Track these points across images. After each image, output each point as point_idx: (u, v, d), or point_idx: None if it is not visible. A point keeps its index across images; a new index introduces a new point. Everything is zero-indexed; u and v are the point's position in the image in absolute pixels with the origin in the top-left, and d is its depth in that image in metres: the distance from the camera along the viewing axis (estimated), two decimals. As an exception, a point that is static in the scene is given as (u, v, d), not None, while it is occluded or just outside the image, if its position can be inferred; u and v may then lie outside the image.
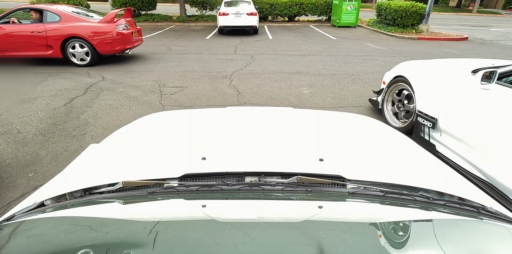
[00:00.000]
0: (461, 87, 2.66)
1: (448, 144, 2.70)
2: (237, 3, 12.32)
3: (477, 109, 2.42)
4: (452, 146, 2.65)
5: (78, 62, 6.57)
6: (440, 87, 2.87)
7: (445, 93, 2.79)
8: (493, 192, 2.15)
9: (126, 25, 6.79)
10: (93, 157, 1.24)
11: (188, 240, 0.64)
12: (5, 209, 2.32)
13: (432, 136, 2.90)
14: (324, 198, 0.86)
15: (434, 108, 2.86)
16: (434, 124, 2.83)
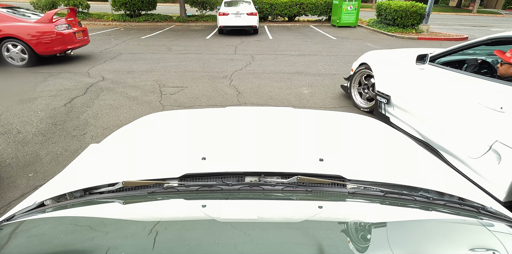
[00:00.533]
0: (406, 69, 3.31)
1: (397, 115, 3.40)
2: (237, 3, 12.32)
3: (415, 85, 3.10)
4: (400, 116, 3.36)
5: (17, 63, 6.39)
6: (392, 70, 3.55)
7: (396, 75, 3.47)
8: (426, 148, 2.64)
9: (68, 25, 6.60)
10: (93, 157, 1.24)
11: (188, 240, 0.64)
12: (5, 209, 2.32)
13: (387, 110, 3.59)
14: (324, 198, 0.86)
15: (388, 88, 3.53)
16: (388, 100, 3.50)
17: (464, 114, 2.48)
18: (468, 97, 2.46)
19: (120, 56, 7.77)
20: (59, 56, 7.38)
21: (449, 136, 2.62)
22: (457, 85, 2.62)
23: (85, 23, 14.04)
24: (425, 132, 2.91)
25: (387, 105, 3.55)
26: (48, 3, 14.44)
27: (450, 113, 2.62)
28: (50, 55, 6.55)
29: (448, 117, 2.64)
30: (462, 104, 2.51)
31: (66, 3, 14.57)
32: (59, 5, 14.75)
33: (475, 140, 2.36)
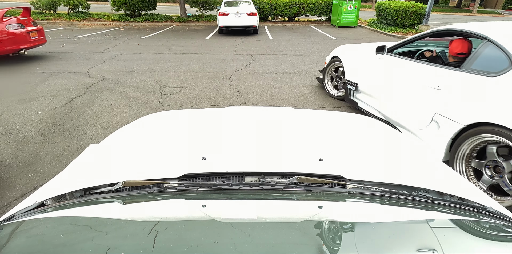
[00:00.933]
0: (369, 60, 3.82)
1: (364, 100, 3.94)
2: (237, 3, 12.31)
3: (376, 73, 3.61)
4: (366, 100, 3.89)
5: None
6: (358, 61, 4.07)
7: (361, 65, 3.98)
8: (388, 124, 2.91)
9: (20, 25, 6.49)
10: (93, 156, 1.24)
11: (188, 240, 0.64)
12: (5, 209, 2.32)
13: (355, 96, 4.13)
14: (324, 198, 0.86)
15: (355, 76, 4.05)
16: (356, 87, 4.02)
17: (414, 94, 2.99)
18: (416, 80, 2.99)
19: (120, 56, 7.77)
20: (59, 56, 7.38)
21: (403, 113, 3.16)
22: (408, 70, 3.15)
23: (85, 23, 14.04)
24: (385, 112, 3.45)
25: (355, 92, 4.09)
26: (48, 3, 14.44)
27: (403, 95, 3.14)
28: (1, 55, 6.50)
29: (402, 98, 3.17)
30: (412, 86, 3.03)
31: (66, 3, 14.56)
32: (59, 5, 14.76)
33: (422, 114, 2.88)
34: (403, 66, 3.23)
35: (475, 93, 2.41)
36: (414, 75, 3.04)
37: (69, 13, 14.99)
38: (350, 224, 0.73)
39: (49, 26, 13.28)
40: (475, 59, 2.56)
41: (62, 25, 13.83)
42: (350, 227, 0.71)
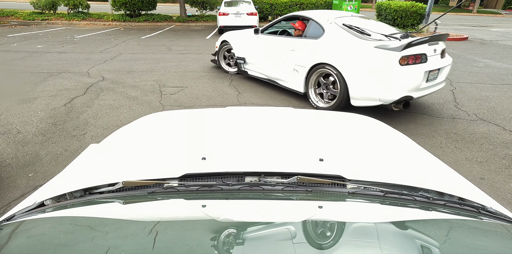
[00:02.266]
0: (250, 39, 5.38)
1: (251, 68, 5.52)
2: (237, 3, 12.31)
3: (256, 47, 5.22)
4: (253, 68, 5.48)
5: None
6: (243, 41, 5.55)
7: (245, 44, 5.49)
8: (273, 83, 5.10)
9: None
10: (93, 156, 1.24)
11: (188, 240, 0.64)
12: (5, 209, 2.32)
13: (245, 67, 5.66)
14: (324, 198, 0.86)
15: (243, 53, 5.57)
16: (245, 60, 5.56)
17: (281, 57, 4.70)
18: (281, 48, 4.70)
19: (120, 56, 7.77)
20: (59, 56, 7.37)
21: (277, 70, 4.86)
22: (275, 42, 4.85)
23: (85, 23, 14.04)
24: (267, 73, 5.13)
25: (245, 64, 5.61)
26: (48, 3, 14.44)
27: (275, 58, 4.82)
28: None
29: (275, 61, 4.84)
30: (279, 52, 4.73)
31: (66, 3, 14.56)
32: (59, 5, 14.75)
33: (287, 68, 4.63)
34: (272, 40, 4.93)
35: (311, 49, 4.23)
36: (279, 45, 4.74)
37: (69, 13, 14.99)
38: (350, 224, 0.73)
39: (49, 26, 13.28)
40: (308, 31, 4.43)
41: (62, 25, 13.83)
42: (350, 227, 0.71)
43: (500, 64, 7.48)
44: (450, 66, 4.08)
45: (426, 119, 4.13)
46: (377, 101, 3.67)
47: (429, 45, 3.67)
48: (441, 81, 4.04)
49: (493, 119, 4.12)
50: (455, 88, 5.51)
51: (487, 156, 3.18)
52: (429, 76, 3.68)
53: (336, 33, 4.00)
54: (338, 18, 4.24)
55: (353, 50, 3.73)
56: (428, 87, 3.79)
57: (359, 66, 3.64)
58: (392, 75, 3.44)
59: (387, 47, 3.49)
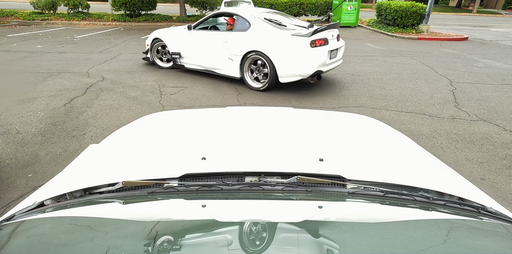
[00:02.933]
0: (184, 35, 5.85)
1: (188, 61, 6.03)
2: (237, 3, 12.32)
3: (191, 42, 5.73)
4: (189, 61, 6.01)
5: None
6: (177, 38, 5.96)
7: (180, 40, 5.92)
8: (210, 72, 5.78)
9: None
10: (93, 157, 1.24)
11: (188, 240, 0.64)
12: (4, 210, 2.32)
13: (181, 61, 6.14)
14: (324, 198, 0.86)
15: (178, 48, 6.01)
16: (180, 55, 6.03)
17: (216, 49, 5.36)
18: (215, 41, 5.34)
19: (120, 56, 7.76)
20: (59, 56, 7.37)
21: (214, 61, 5.52)
22: (209, 36, 5.45)
23: (85, 23, 14.04)
24: (204, 65, 5.75)
25: (180, 58, 6.08)
26: (48, 3, 14.43)
27: (211, 50, 5.45)
28: None
29: (211, 53, 5.48)
30: (213, 45, 5.37)
31: (66, 3, 14.55)
32: (59, 5, 14.75)
33: (223, 58, 5.35)
34: (206, 35, 5.51)
35: (242, 40, 5.03)
36: (213, 38, 5.37)
37: (69, 13, 14.98)
38: (350, 224, 0.73)
39: (49, 26, 13.28)
40: (237, 25, 5.20)
41: (62, 25, 13.83)
42: (350, 227, 0.71)
43: (501, 64, 7.48)
44: (343, 47, 5.44)
45: (426, 119, 4.13)
46: (298, 77, 4.75)
47: (328, 32, 4.88)
48: (340, 58, 5.40)
49: (493, 120, 4.12)
50: (456, 88, 5.51)
51: (487, 156, 3.18)
52: (331, 54, 4.95)
53: (261, 26, 4.94)
54: (260, 14, 5.19)
55: (276, 38, 4.73)
56: (332, 63, 5.06)
57: (282, 51, 4.68)
58: (306, 55, 4.58)
59: (300, 34, 4.60)
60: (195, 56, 5.78)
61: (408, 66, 7.12)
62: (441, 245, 0.65)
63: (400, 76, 6.26)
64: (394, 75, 6.33)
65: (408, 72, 6.58)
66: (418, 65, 7.23)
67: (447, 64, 7.37)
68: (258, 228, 0.69)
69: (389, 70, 6.69)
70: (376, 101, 4.81)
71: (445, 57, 8.12)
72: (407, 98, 4.94)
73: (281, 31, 4.76)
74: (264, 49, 4.78)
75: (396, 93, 5.20)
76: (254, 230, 0.68)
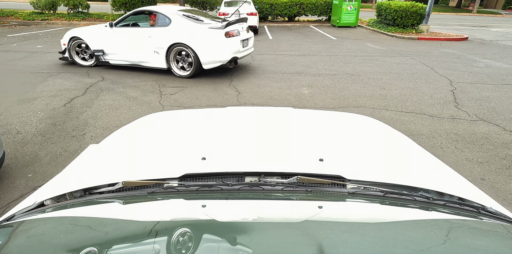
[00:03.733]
0: (107, 32, 6.10)
1: (113, 58, 6.29)
2: (237, 3, 12.31)
3: (113, 39, 6.05)
4: (114, 58, 6.28)
5: None
6: (99, 35, 6.18)
7: (102, 37, 6.16)
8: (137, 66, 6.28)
9: None
10: (93, 157, 1.24)
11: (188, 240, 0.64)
12: (4, 210, 2.32)
13: (105, 58, 6.38)
14: (324, 198, 0.86)
15: (100, 45, 6.24)
16: (103, 52, 6.27)
17: (141, 44, 5.84)
18: (139, 36, 5.82)
19: (120, 56, 7.76)
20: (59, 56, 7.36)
21: (140, 55, 5.98)
22: (134, 32, 5.89)
23: (85, 23, 14.03)
24: (130, 59, 6.13)
25: (104, 55, 6.32)
26: (48, 3, 14.43)
27: (136, 45, 5.90)
28: None
29: (136, 47, 5.92)
30: (138, 40, 5.83)
31: (66, 3, 14.55)
32: (59, 5, 14.74)
33: (149, 52, 5.87)
34: (130, 31, 5.93)
35: (165, 34, 5.62)
36: (138, 34, 5.84)
37: (69, 13, 14.98)
38: (350, 224, 0.73)
39: (49, 26, 13.27)
40: (158, 21, 5.74)
41: (62, 25, 13.83)
42: (350, 227, 0.71)
43: (501, 64, 7.48)
44: (253, 37, 6.45)
45: (426, 119, 4.13)
46: (218, 63, 5.63)
47: (238, 25, 5.86)
48: (251, 47, 6.48)
49: (493, 120, 4.12)
50: (456, 88, 5.51)
51: (487, 157, 3.18)
52: (244, 43, 5.97)
53: (181, 21, 5.62)
54: (179, 11, 5.86)
55: (196, 31, 5.50)
56: (245, 51, 6.09)
57: (202, 42, 5.49)
58: (223, 45, 5.48)
59: (216, 27, 5.51)
60: (121, 52, 6.09)
61: (408, 66, 7.12)
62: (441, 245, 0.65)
63: (400, 76, 6.26)
64: (394, 75, 6.33)
65: (408, 72, 6.58)
66: (418, 65, 7.23)
67: (447, 64, 7.37)
68: (258, 228, 0.69)
69: (389, 70, 6.69)
70: (376, 101, 4.81)
71: (445, 57, 8.12)
72: (407, 98, 4.94)
73: (199, 25, 5.58)
74: (187, 41, 5.50)
75: (396, 93, 5.20)
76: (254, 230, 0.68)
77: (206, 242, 0.63)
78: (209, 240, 0.64)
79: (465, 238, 0.71)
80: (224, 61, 5.62)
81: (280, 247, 0.62)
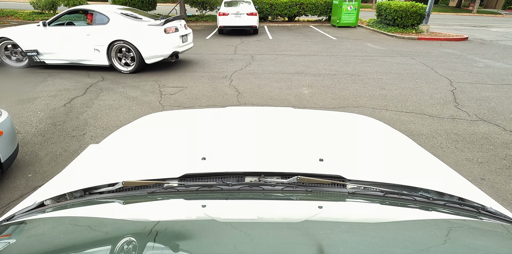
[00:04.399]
0: (40, 32, 6.03)
1: (48, 57, 6.21)
2: (237, 3, 12.31)
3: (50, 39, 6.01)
4: (50, 57, 6.20)
5: None
6: (31, 35, 6.06)
7: (35, 37, 6.05)
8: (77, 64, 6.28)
9: None
10: (93, 157, 1.24)
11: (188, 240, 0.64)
12: (4, 210, 2.32)
13: (40, 58, 6.25)
14: (324, 198, 0.86)
15: (34, 46, 6.11)
16: (38, 52, 6.15)
17: (80, 42, 5.91)
18: (77, 34, 5.89)
19: (120, 56, 7.76)
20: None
21: (80, 54, 6.02)
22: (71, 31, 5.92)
23: (85, 23, 14.03)
24: (69, 58, 6.13)
25: (39, 55, 6.20)
26: (48, 3, 14.43)
27: (75, 45, 5.95)
28: None
29: (75, 46, 5.97)
30: (77, 38, 5.90)
31: (66, 3, 14.55)
32: (59, 5, 14.74)
33: (88, 49, 5.99)
34: (67, 30, 5.94)
35: (104, 32, 5.81)
36: (75, 33, 5.90)
37: (69, 13, 14.97)
38: (350, 224, 0.73)
39: (49, 26, 13.27)
40: (96, 20, 5.88)
41: (62, 25, 13.82)
42: (350, 227, 0.71)
43: (501, 64, 7.48)
44: (191, 33, 6.97)
45: (426, 119, 4.13)
46: (160, 57, 6.03)
47: (177, 21, 6.31)
48: (190, 42, 6.98)
49: (493, 120, 4.12)
50: (456, 88, 5.51)
51: (487, 157, 3.18)
52: (183, 39, 6.46)
53: (120, 19, 5.86)
54: (116, 9, 6.07)
55: (136, 28, 5.81)
56: (184, 45, 6.60)
57: (143, 38, 5.83)
58: (163, 40, 5.91)
59: (155, 24, 5.86)
60: (58, 51, 6.05)
61: (408, 66, 7.12)
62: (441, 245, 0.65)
63: (400, 76, 6.26)
64: (394, 75, 6.33)
65: (408, 72, 6.58)
66: (418, 65, 7.23)
67: (447, 64, 7.37)
68: (258, 228, 0.69)
69: (389, 70, 6.69)
70: (376, 101, 4.81)
71: (445, 57, 8.12)
72: (407, 99, 4.94)
73: (139, 22, 5.88)
74: (128, 38, 5.79)
75: (396, 93, 5.20)
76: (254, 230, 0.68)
77: (206, 242, 0.63)
78: (209, 240, 0.64)
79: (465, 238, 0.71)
80: (166, 56, 6.03)
81: (280, 247, 0.62)
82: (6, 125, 2.51)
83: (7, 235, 0.71)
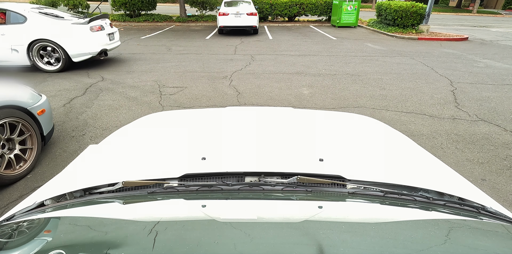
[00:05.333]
0: None
1: None
2: (237, 3, 12.32)
3: None
4: None
5: None
6: None
7: None
8: None
9: None
10: (92, 157, 1.24)
11: (188, 240, 0.64)
12: (3, 210, 2.32)
13: None
14: (324, 198, 0.86)
15: None
16: None
17: None
18: None
19: (120, 56, 7.77)
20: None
21: None
22: None
23: (85, 24, 14.03)
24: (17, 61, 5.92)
25: None
26: (48, 3, 14.43)
27: None
28: None
29: None
30: None
31: (66, 3, 14.56)
32: (58, 5, 14.75)
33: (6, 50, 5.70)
34: None
35: (22, 31, 5.64)
36: None
37: (69, 14, 14.98)
38: (350, 224, 0.72)
39: (49, 27, 13.27)
40: (11, 19, 5.63)
41: (62, 25, 13.82)
42: (350, 227, 0.71)
43: (501, 64, 7.48)
44: (118, 32, 7.07)
45: (426, 119, 4.13)
46: (89, 55, 6.12)
47: (101, 20, 6.43)
48: (118, 40, 7.10)
49: (494, 120, 4.12)
50: (456, 88, 5.51)
51: (488, 157, 3.18)
52: (110, 37, 6.58)
53: (39, 18, 5.74)
54: (33, 8, 5.90)
55: (60, 27, 5.77)
56: (112, 43, 6.71)
57: (69, 37, 5.82)
58: (90, 38, 6.00)
59: (80, 23, 5.93)
60: None
61: (408, 66, 7.12)
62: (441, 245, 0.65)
63: (400, 76, 6.26)
64: (394, 75, 6.33)
65: (408, 72, 6.58)
66: (418, 65, 7.23)
67: (447, 64, 7.37)
68: (258, 228, 0.69)
69: (389, 71, 6.69)
70: (376, 101, 4.81)
71: (445, 57, 8.12)
72: (407, 99, 4.94)
73: (62, 21, 5.86)
74: (51, 37, 5.72)
75: (396, 93, 5.20)
76: (254, 230, 0.68)
77: (206, 242, 0.63)
78: (209, 240, 0.64)
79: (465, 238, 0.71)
80: (94, 53, 6.15)
81: (280, 247, 0.62)
82: (47, 105, 3.02)
83: (7, 235, 0.71)
